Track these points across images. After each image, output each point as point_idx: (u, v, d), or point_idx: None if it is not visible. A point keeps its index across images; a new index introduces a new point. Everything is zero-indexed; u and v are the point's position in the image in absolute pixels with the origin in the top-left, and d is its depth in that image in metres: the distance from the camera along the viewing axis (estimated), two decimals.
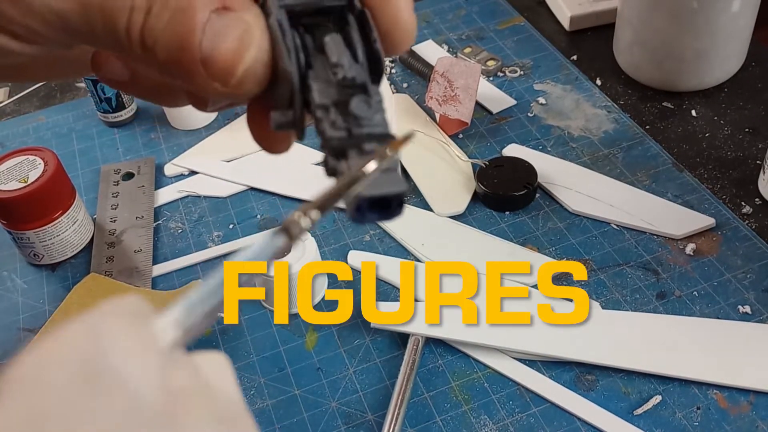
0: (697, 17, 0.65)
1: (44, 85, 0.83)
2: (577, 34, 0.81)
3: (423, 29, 0.84)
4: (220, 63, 0.21)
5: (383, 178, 0.21)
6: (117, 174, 0.69)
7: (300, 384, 0.52)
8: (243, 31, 0.22)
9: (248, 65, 0.22)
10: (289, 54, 0.22)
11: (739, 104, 0.71)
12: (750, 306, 0.54)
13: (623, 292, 0.56)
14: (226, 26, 0.21)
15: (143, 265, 0.61)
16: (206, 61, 0.21)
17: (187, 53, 0.21)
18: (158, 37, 0.22)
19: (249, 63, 0.22)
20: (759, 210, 0.61)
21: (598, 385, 0.50)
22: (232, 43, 0.21)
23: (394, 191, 0.21)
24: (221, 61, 0.21)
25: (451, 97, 0.67)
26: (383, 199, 0.21)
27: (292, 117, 0.23)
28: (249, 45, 0.22)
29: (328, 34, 0.23)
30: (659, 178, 0.64)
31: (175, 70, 0.22)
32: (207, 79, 0.22)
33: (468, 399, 0.50)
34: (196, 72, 0.22)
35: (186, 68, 0.22)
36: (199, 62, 0.22)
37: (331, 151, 0.22)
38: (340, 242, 0.62)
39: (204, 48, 0.21)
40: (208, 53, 0.21)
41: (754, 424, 0.48)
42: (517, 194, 0.62)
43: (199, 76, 0.22)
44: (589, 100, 0.72)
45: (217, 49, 0.21)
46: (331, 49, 0.23)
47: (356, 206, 0.20)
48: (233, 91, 0.22)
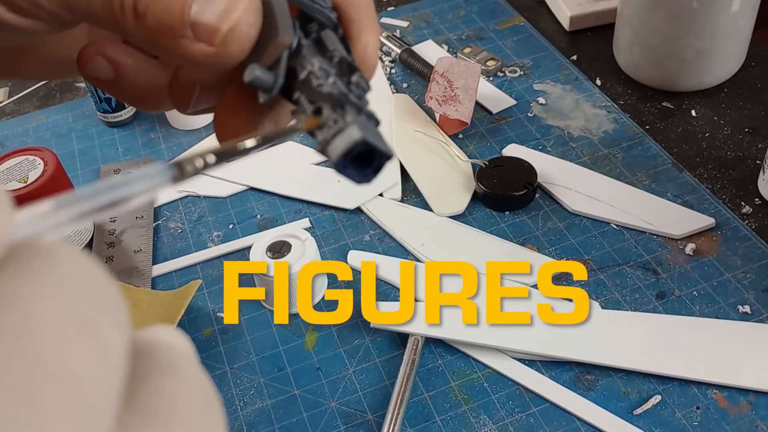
0: (697, 17, 0.65)
1: (44, 85, 0.83)
2: (577, 34, 0.81)
3: (423, 29, 0.84)
4: (208, 22, 0.23)
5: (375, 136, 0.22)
6: (117, 174, 0.69)
7: (300, 384, 0.52)
8: None
9: (234, 23, 0.23)
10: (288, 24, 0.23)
11: (739, 104, 0.71)
12: (750, 306, 0.54)
13: (623, 292, 0.56)
14: None
15: (143, 265, 0.61)
16: (194, 23, 0.23)
17: (177, 18, 0.23)
18: (150, 4, 0.23)
19: (235, 21, 0.23)
20: (759, 210, 0.61)
21: (597, 384, 0.50)
22: (221, 5, 0.23)
23: (386, 150, 0.22)
24: (207, 18, 0.23)
25: (451, 97, 0.67)
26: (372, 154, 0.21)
27: (273, 78, 0.23)
28: (237, 4, 0.23)
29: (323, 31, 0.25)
30: (659, 178, 0.64)
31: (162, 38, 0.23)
32: (193, 42, 0.23)
33: (468, 399, 0.50)
34: (183, 36, 0.23)
35: (174, 33, 0.23)
36: (187, 26, 0.23)
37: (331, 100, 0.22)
38: (340, 242, 0.62)
39: (193, 12, 0.23)
40: (196, 16, 0.23)
41: (753, 424, 0.48)
42: (517, 194, 0.62)
43: (187, 39, 0.23)
44: (588, 100, 0.72)
45: (205, 11, 0.23)
46: (328, 39, 0.24)
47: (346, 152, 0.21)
48: (219, 51, 0.23)
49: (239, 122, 0.26)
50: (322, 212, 0.64)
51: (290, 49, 0.23)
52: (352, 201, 0.64)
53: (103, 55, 0.27)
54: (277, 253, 0.55)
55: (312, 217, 0.64)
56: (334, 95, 0.22)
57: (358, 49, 0.26)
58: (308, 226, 0.63)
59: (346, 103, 0.22)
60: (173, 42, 0.23)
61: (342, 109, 0.22)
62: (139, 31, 0.23)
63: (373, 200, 0.64)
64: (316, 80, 0.23)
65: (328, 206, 0.64)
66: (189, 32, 0.23)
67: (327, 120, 0.22)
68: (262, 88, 0.24)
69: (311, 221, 0.64)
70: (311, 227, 0.63)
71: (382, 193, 0.65)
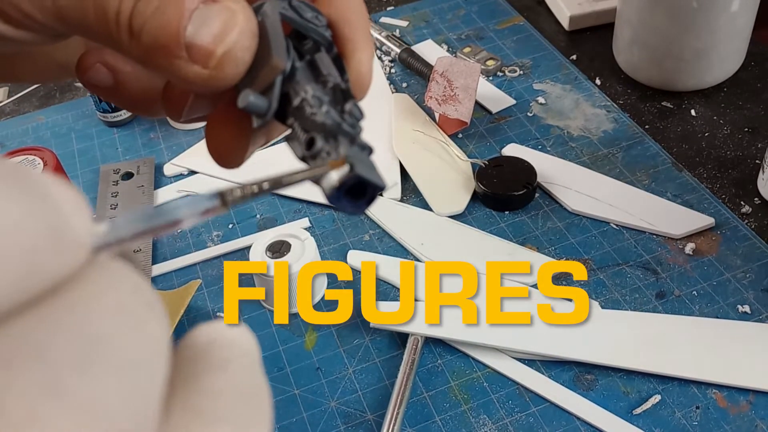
0: (696, 17, 0.65)
1: (44, 85, 0.83)
2: (577, 33, 0.81)
3: (422, 29, 0.84)
4: (203, 44, 0.22)
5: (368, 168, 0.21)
6: (116, 174, 0.69)
7: (299, 384, 0.52)
8: (228, 16, 0.23)
9: (229, 47, 0.23)
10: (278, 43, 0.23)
11: (739, 104, 0.71)
12: (749, 305, 0.54)
13: (623, 292, 0.56)
14: (212, 13, 0.23)
15: (143, 264, 0.61)
16: (189, 45, 0.22)
17: (173, 38, 0.22)
18: (146, 22, 0.22)
19: (230, 44, 0.23)
20: (758, 210, 0.61)
21: (597, 384, 0.50)
22: (217, 27, 0.22)
23: (379, 182, 0.21)
24: (204, 42, 0.22)
25: (451, 96, 0.67)
26: (365, 186, 0.21)
27: (267, 103, 0.23)
28: (232, 28, 0.23)
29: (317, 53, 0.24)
30: (659, 177, 0.64)
31: (157, 56, 0.23)
32: (188, 63, 0.23)
33: (467, 398, 0.50)
34: (178, 56, 0.23)
35: (169, 53, 0.23)
36: (182, 46, 0.22)
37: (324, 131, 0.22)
38: (340, 242, 0.62)
39: (189, 33, 0.22)
40: (192, 37, 0.22)
41: (753, 424, 0.48)
42: (517, 194, 0.62)
43: (181, 60, 0.23)
44: (588, 100, 0.72)
45: (199, 33, 0.22)
46: (322, 62, 0.24)
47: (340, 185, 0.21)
48: (213, 74, 0.23)
49: (231, 132, 0.26)
50: (322, 212, 0.64)
51: (284, 74, 0.23)
52: None
53: (103, 62, 0.27)
54: (277, 253, 0.55)
55: (312, 217, 0.64)
56: (327, 125, 0.22)
57: (353, 67, 0.25)
58: (308, 226, 0.63)
59: (339, 134, 0.22)
60: (167, 61, 0.23)
61: (335, 140, 0.22)
62: (134, 48, 0.23)
63: None
64: (310, 108, 0.23)
65: (328, 206, 0.64)
66: (184, 53, 0.22)
67: (320, 151, 0.22)
68: (255, 113, 0.23)
69: (311, 221, 0.64)
70: (311, 227, 0.63)
71: (382, 193, 0.65)
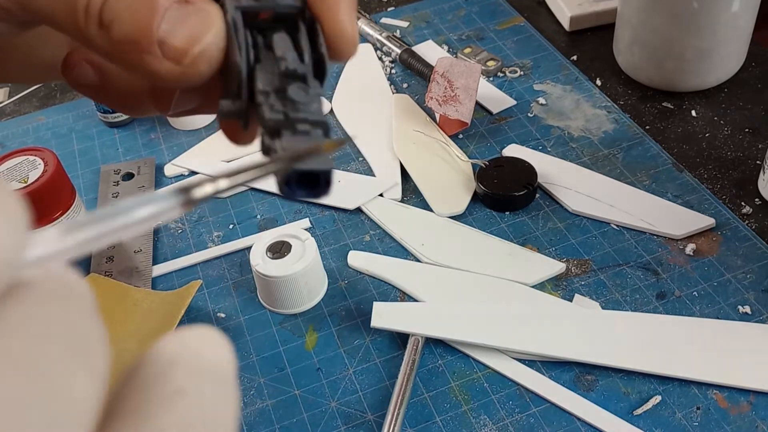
0: (697, 17, 0.65)
1: (44, 85, 0.83)
2: (577, 34, 0.81)
3: (423, 29, 0.84)
4: (178, 43, 0.22)
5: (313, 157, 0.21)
6: (117, 174, 0.69)
7: (300, 384, 0.52)
8: (203, 17, 0.23)
9: (204, 47, 0.23)
10: (240, 49, 0.23)
11: (739, 104, 0.71)
12: (750, 306, 0.54)
13: (623, 292, 0.56)
14: (187, 13, 0.22)
15: (143, 265, 0.61)
16: (163, 42, 0.22)
17: (145, 33, 0.22)
18: (117, 16, 0.22)
19: (205, 45, 0.23)
20: (759, 210, 0.61)
21: (597, 385, 0.50)
22: (192, 27, 0.22)
23: (322, 168, 0.21)
24: (179, 41, 0.22)
25: (451, 97, 0.67)
26: (312, 176, 0.21)
27: (239, 107, 0.24)
28: (208, 29, 0.23)
29: (277, 33, 0.24)
30: (659, 178, 0.64)
31: (126, 51, 0.22)
32: (159, 59, 0.22)
33: (468, 399, 0.50)
34: (149, 52, 0.22)
35: (140, 48, 0.22)
36: (155, 43, 0.22)
37: (267, 130, 0.23)
38: (340, 243, 0.62)
39: (162, 30, 0.22)
40: (166, 35, 0.22)
41: (753, 424, 0.48)
42: (517, 194, 0.62)
43: (152, 56, 0.22)
44: (589, 101, 0.72)
45: (174, 32, 0.22)
46: (278, 44, 0.24)
47: (285, 180, 0.21)
48: (185, 71, 0.23)
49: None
50: (322, 212, 0.64)
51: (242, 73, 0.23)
52: (352, 201, 0.64)
53: (88, 60, 0.27)
54: (277, 254, 0.55)
55: (312, 218, 0.64)
56: (270, 124, 0.22)
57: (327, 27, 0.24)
58: (308, 227, 0.63)
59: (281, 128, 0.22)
60: (137, 56, 0.22)
61: (279, 137, 0.22)
62: (102, 40, 0.22)
63: (373, 200, 0.64)
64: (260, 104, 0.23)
65: (329, 206, 0.64)
66: (156, 49, 0.22)
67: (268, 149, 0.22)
68: (234, 118, 0.24)
69: (311, 221, 0.64)
70: (311, 227, 0.63)
71: (382, 193, 0.65)
